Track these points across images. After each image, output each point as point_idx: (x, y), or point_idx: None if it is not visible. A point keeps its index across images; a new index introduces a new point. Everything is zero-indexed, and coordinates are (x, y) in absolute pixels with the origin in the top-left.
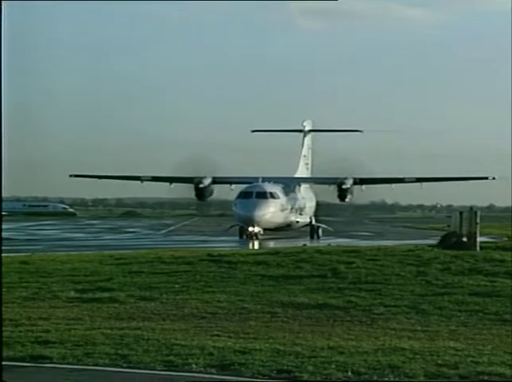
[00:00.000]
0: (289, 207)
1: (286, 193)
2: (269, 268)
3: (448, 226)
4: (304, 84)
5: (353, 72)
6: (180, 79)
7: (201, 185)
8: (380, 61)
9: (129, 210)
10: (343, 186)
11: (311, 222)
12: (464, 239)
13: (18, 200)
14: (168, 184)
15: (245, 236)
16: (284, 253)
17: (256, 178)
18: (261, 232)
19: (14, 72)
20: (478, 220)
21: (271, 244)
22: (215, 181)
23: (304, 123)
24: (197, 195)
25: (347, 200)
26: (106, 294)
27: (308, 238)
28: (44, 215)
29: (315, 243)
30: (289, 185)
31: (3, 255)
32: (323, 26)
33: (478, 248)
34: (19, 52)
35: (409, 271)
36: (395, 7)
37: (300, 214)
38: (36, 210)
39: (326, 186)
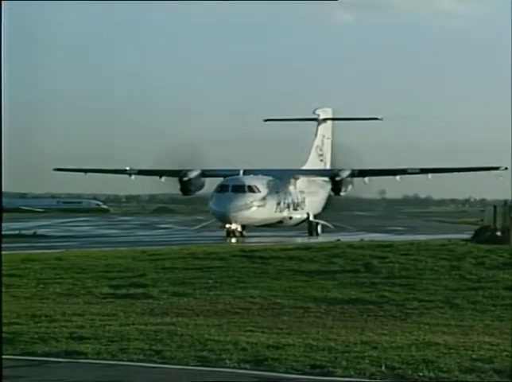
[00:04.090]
0: (276, 201)
1: (273, 187)
2: (302, 263)
3: (482, 220)
4: (338, 76)
5: (385, 64)
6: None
7: (185, 178)
8: (416, 54)
9: (162, 206)
10: (337, 178)
11: (308, 218)
12: (498, 233)
13: (53, 197)
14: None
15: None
16: (316, 248)
17: (248, 171)
18: (239, 229)
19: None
20: None
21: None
22: (205, 174)
23: (317, 111)
24: (182, 189)
25: (341, 193)
26: (140, 290)
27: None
28: (78, 211)
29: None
30: (281, 177)
31: (38, 251)
32: (359, 19)
33: None
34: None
35: (443, 266)
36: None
37: (295, 209)
38: (70, 207)
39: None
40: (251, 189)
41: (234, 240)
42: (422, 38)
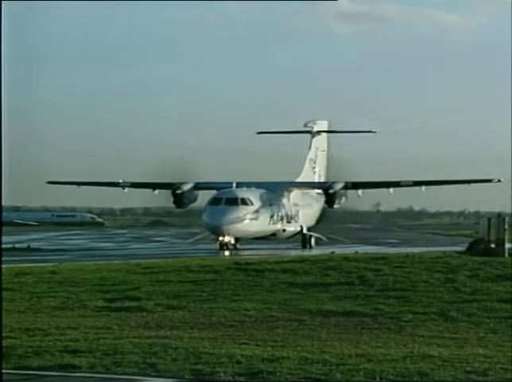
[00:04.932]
0: (270, 214)
1: (266, 199)
2: (297, 276)
3: (476, 232)
4: (335, 88)
5: (381, 76)
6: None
7: (178, 191)
8: (412, 66)
9: (157, 219)
10: (330, 191)
11: (302, 231)
12: (492, 245)
13: (47, 210)
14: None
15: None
16: (311, 261)
17: (242, 183)
18: (232, 242)
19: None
20: (506, 227)
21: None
22: (198, 186)
23: (310, 124)
24: (175, 202)
25: (335, 205)
26: (135, 303)
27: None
28: (73, 225)
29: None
30: (274, 190)
31: (32, 264)
32: (356, 31)
33: (506, 255)
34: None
35: (437, 278)
36: (428, 12)
37: (289, 222)
38: (64, 220)
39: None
40: (244, 202)
41: (227, 253)
42: (419, 50)
